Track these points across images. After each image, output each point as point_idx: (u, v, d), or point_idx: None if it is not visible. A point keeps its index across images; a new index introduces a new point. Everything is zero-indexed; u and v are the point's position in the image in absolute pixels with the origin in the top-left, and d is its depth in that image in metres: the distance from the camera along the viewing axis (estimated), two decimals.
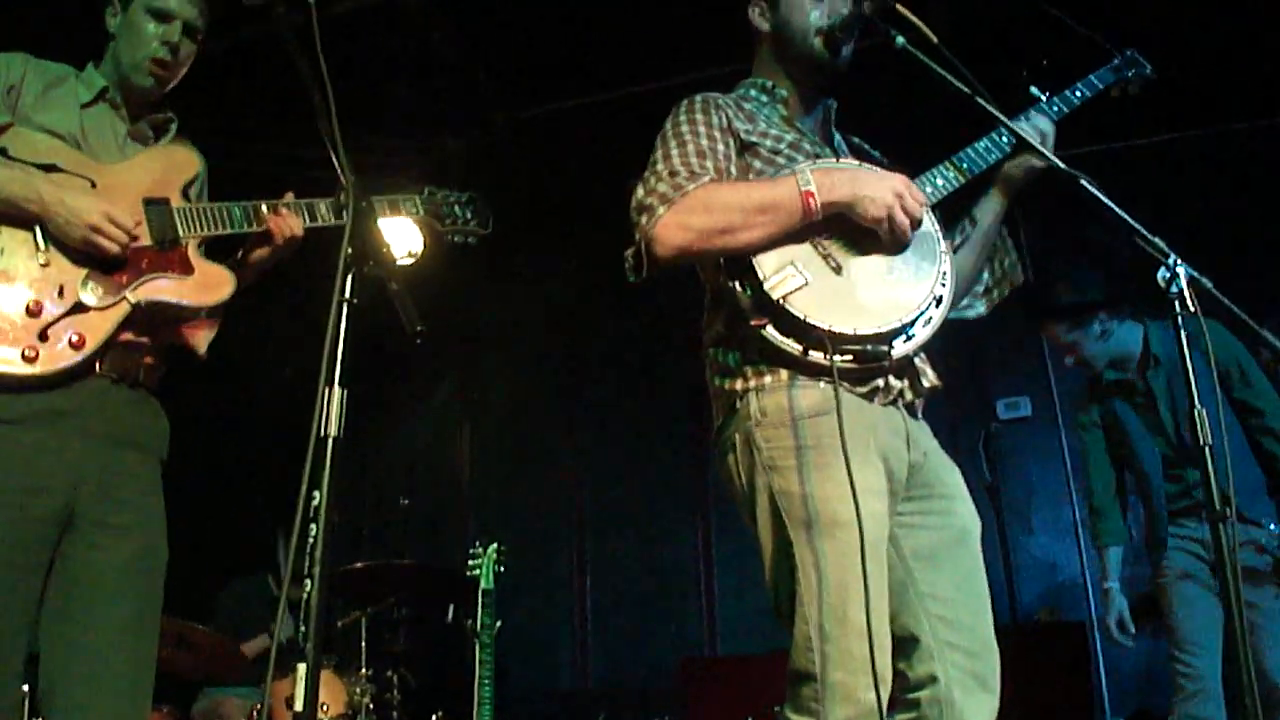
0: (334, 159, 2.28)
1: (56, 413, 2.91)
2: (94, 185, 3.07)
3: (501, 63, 6.32)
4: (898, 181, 2.77)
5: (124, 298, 2.99)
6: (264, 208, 3.23)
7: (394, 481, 7.61)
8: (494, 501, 8.21)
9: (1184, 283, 2.54)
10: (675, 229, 2.75)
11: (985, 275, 3.19)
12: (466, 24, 5.91)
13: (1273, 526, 4.54)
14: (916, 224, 2.78)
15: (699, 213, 2.75)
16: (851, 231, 2.80)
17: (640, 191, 2.85)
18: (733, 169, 2.91)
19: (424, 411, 8.67)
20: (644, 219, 2.80)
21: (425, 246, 4.56)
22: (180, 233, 3.12)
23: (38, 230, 2.95)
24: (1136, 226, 2.61)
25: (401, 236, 4.54)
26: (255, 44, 4.51)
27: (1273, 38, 5.93)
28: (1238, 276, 2.96)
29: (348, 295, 2.13)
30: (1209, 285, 2.57)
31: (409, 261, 5.47)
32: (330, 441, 1.98)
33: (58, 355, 2.88)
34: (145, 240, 3.07)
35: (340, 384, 2.04)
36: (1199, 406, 2.47)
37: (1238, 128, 6.73)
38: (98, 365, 2.98)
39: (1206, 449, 2.43)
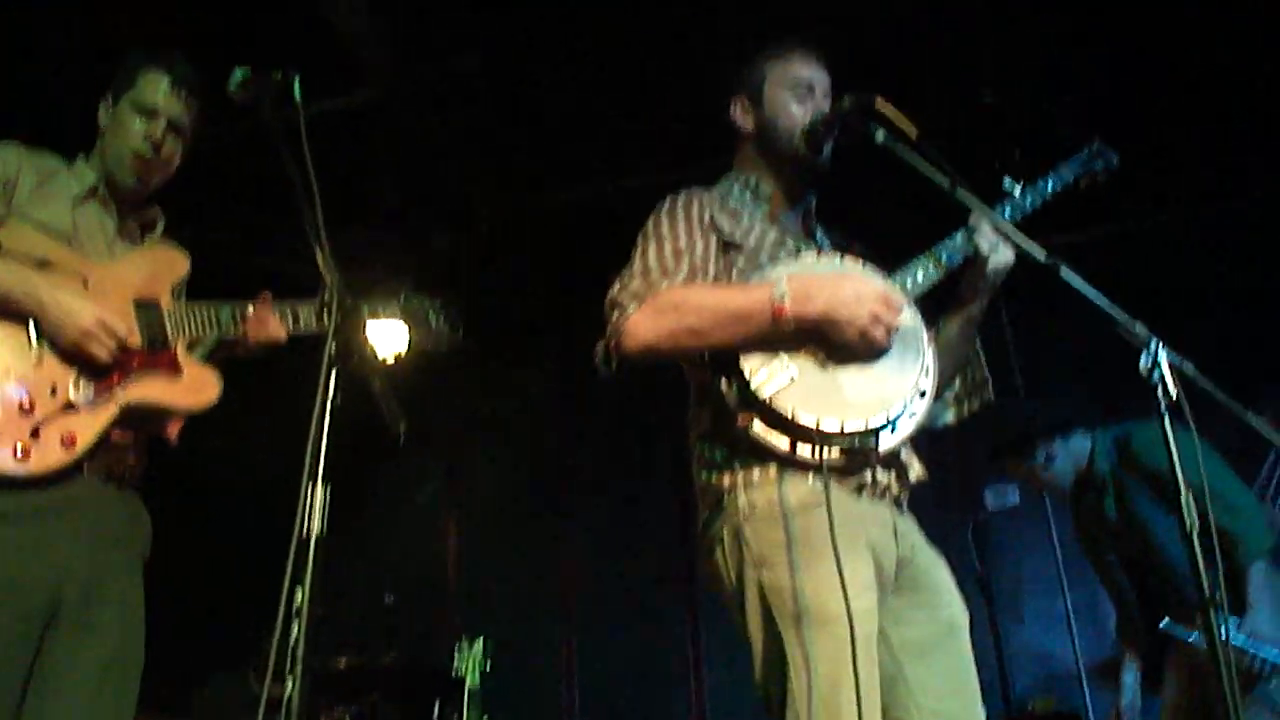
0: (318, 257, 2.30)
1: (44, 511, 2.90)
2: (86, 284, 3.09)
3: (486, 160, 6.38)
4: (873, 300, 2.73)
5: (114, 399, 3.01)
6: (250, 309, 3.26)
7: (378, 577, 7.54)
8: (481, 597, 8.13)
9: (1165, 368, 2.54)
10: (644, 327, 2.77)
11: (956, 383, 3.20)
12: (451, 122, 5.97)
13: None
14: (893, 333, 2.77)
15: (669, 313, 2.77)
16: None
17: (615, 288, 2.88)
18: (710, 268, 2.92)
19: (409, 507, 8.62)
20: (615, 315, 2.83)
21: (410, 345, 4.58)
22: (170, 335, 3.14)
23: (31, 326, 2.97)
24: (1115, 314, 2.62)
25: (385, 335, 4.54)
26: (241, 140, 4.55)
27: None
28: (1222, 361, 2.96)
29: (331, 393, 2.14)
30: (1192, 370, 2.58)
31: (391, 360, 5.48)
32: (313, 539, 1.97)
33: (49, 454, 2.89)
34: (136, 342, 3.09)
35: (323, 481, 2.04)
36: (1185, 490, 2.46)
37: (1211, 209, 6.81)
38: (85, 465, 2.98)
39: (1194, 533, 2.42)
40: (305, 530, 1.99)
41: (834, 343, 2.73)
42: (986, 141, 3.12)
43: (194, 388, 3.15)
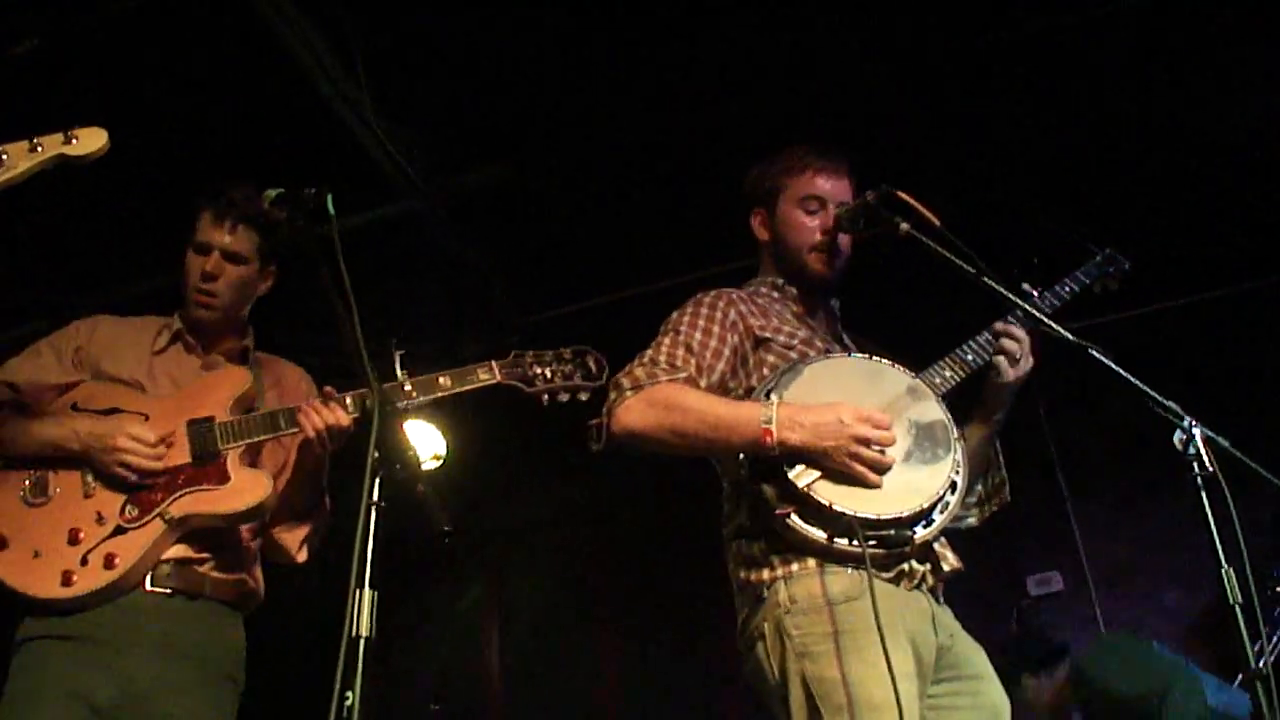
0: (359, 364, 2.34)
1: (106, 629, 2.99)
2: (148, 419, 3.21)
3: (517, 267, 6.44)
4: (855, 423, 2.76)
5: (158, 514, 3.08)
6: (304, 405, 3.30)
7: (423, 686, 7.50)
8: (525, 705, 8.06)
9: (1200, 444, 2.55)
10: (634, 415, 2.87)
11: (978, 487, 3.24)
12: (482, 230, 6.04)
13: None
14: (884, 470, 2.79)
15: (659, 407, 2.85)
16: None
17: (624, 370, 2.98)
18: (720, 366, 3.00)
19: (452, 615, 8.57)
20: (613, 395, 2.94)
21: (449, 450, 4.59)
22: (220, 446, 3.20)
23: (87, 470, 3.13)
24: (1148, 391, 2.64)
25: (426, 439, 4.58)
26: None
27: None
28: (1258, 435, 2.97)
29: (375, 498, 2.17)
30: (1226, 444, 2.59)
31: (435, 464, 5.50)
32: (362, 642, 1.99)
33: (93, 576, 3.00)
34: (184, 458, 3.17)
35: (371, 586, 2.06)
36: (1225, 566, 2.45)
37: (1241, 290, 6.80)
38: (148, 580, 3.07)
39: (1236, 608, 2.41)
40: (354, 633, 2.00)
41: (829, 468, 2.76)
42: (1003, 247, 3.17)
43: (241, 490, 3.19)
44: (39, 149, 2.37)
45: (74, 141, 2.39)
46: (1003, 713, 2.87)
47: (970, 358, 3.11)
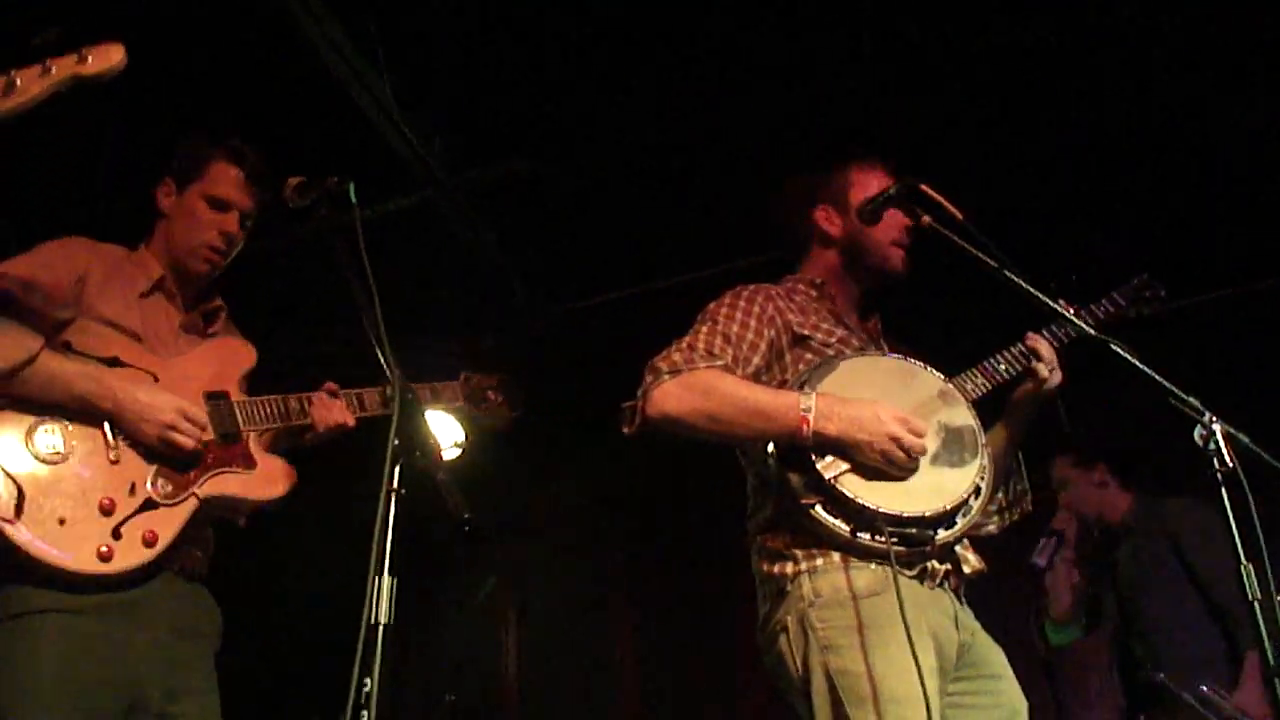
0: (380, 355, 2.35)
1: (125, 607, 2.91)
2: (156, 379, 3.11)
3: (537, 259, 6.45)
4: (892, 423, 2.80)
5: (192, 493, 3.02)
6: (316, 397, 3.29)
7: (440, 677, 7.52)
8: (542, 696, 8.07)
9: (1220, 439, 2.55)
10: (671, 399, 2.86)
11: (999, 495, 3.24)
12: (502, 223, 6.05)
13: None
14: (916, 456, 2.83)
15: (697, 392, 2.85)
16: None
17: (660, 355, 2.97)
18: (756, 359, 3.00)
19: (470, 606, 8.59)
20: (649, 378, 2.92)
21: (468, 437, 4.60)
22: (241, 426, 3.16)
23: (107, 427, 2.97)
24: (1169, 387, 2.64)
25: (446, 428, 4.60)
26: (301, 243, 4.64)
27: None
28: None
29: (396, 485, 2.18)
30: (1246, 440, 2.58)
31: (455, 453, 5.50)
32: (381, 629, 2.00)
33: (132, 553, 2.89)
34: (209, 435, 3.10)
35: (390, 573, 2.07)
36: (1245, 563, 2.45)
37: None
38: (167, 562, 3.00)
39: (1256, 604, 2.41)
40: (374, 620, 2.01)
41: (858, 461, 2.79)
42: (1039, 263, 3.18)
43: (268, 479, 3.17)
44: (51, 71, 2.28)
45: (88, 60, 2.30)
46: (1021, 712, 2.88)
47: (1003, 369, 3.14)
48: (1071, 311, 3.25)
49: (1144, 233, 3.61)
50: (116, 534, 2.87)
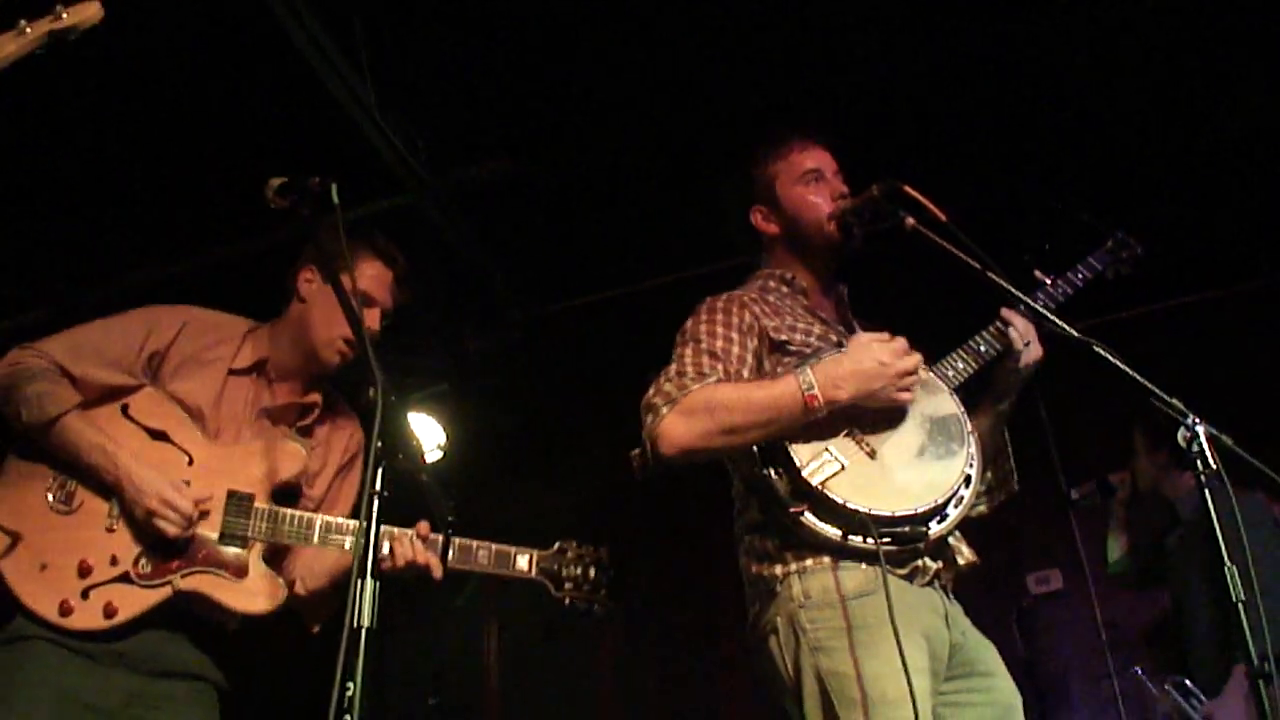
0: (363, 356, 2.33)
1: (98, 654, 2.95)
2: (190, 462, 3.11)
3: (520, 261, 6.43)
4: (891, 357, 2.84)
5: (169, 583, 3.00)
6: (348, 524, 3.17)
7: (422, 681, 7.50)
8: (522, 701, 8.06)
9: (1204, 440, 2.55)
10: (679, 430, 2.81)
11: (988, 475, 3.24)
12: (481, 225, 6.03)
13: None
14: (910, 374, 2.86)
15: (700, 413, 2.81)
16: (881, 414, 2.88)
17: (650, 391, 2.93)
18: (745, 371, 2.97)
19: (450, 610, 8.56)
20: (649, 418, 2.87)
21: (449, 444, 4.58)
22: (249, 534, 3.10)
23: (114, 500, 3.02)
24: (1152, 389, 2.64)
25: (428, 430, 4.57)
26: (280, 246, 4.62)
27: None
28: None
29: (379, 488, 2.17)
30: (1229, 442, 2.58)
31: (438, 455, 5.47)
32: (363, 633, 1.99)
33: (87, 618, 2.93)
34: (212, 531, 3.07)
35: (373, 576, 2.06)
36: (1229, 564, 2.45)
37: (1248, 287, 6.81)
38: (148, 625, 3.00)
39: (1240, 605, 2.41)
40: (356, 623, 2.00)
41: (887, 413, 2.84)
42: (1014, 233, 3.16)
43: (254, 593, 3.10)
44: (26, 32, 2.26)
45: (63, 16, 2.27)
46: (1014, 710, 2.87)
47: (983, 349, 3.12)
48: (1049, 281, 3.26)
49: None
50: (85, 595, 2.94)
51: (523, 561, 3.32)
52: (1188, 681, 4.93)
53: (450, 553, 3.08)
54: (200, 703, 3.13)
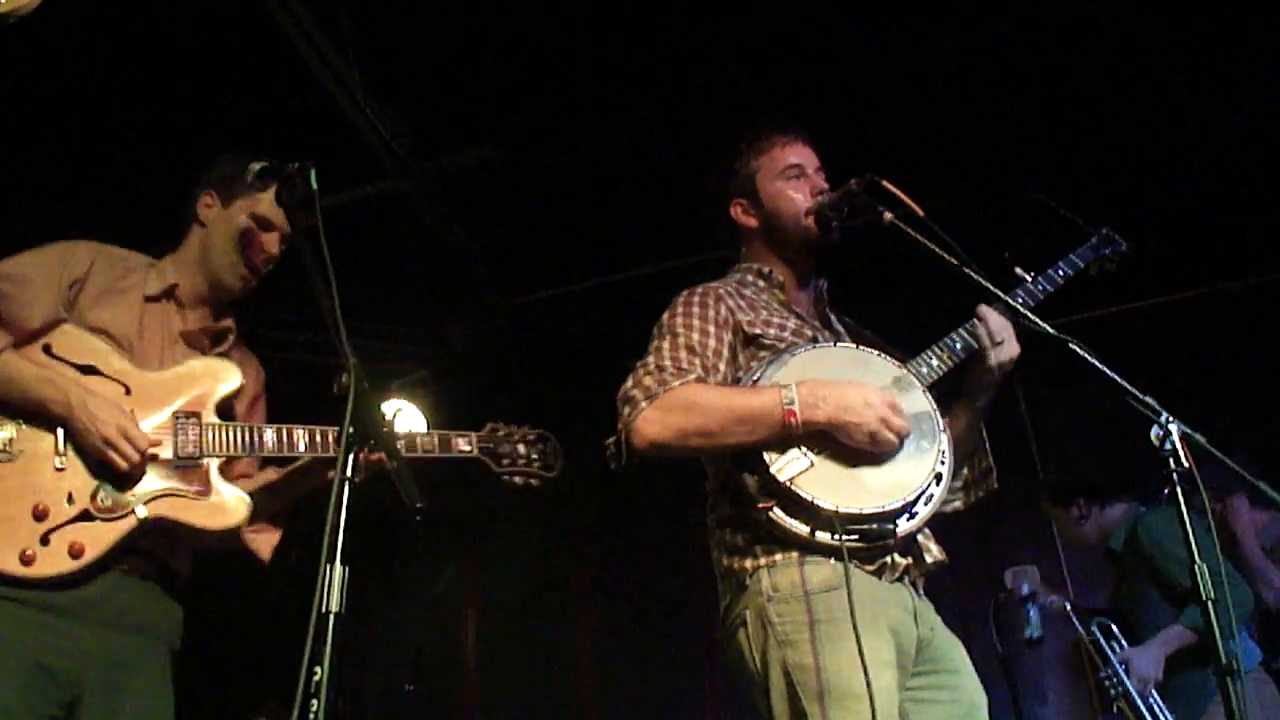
0: (337, 342, 2.32)
1: (65, 601, 2.87)
2: (128, 391, 3.06)
3: (499, 249, 6.43)
4: (881, 406, 2.80)
5: (132, 511, 2.95)
6: (300, 432, 3.20)
7: (399, 666, 7.50)
8: (501, 685, 8.06)
9: (1177, 439, 2.56)
10: (655, 425, 2.82)
11: (964, 472, 3.23)
12: (464, 212, 6.02)
13: None
14: (902, 438, 2.83)
15: (678, 411, 2.82)
16: None
17: (628, 383, 2.93)
18: (723, 365, 2.97)
19: (429, 596, 8.57)
20: (626, 410, 2.88)
21: (428, 428, 4.52)
22: (204, 451, 3.08)
23: (60, 433, 2.94)
24: (1127, 386, 2.64)
25: (403, 416, 4.54)
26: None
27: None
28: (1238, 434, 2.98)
29: (350, 474, 2.16)
30: (1202, 441, 2.59)
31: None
32: (332, 617, 1.98)
33: (54, 562, 2.85)
34: (167, 454, 3.04)
35: (342, 561, 2.05)
36: (1199, 561, 2.46)
37: (1225, 288, 6.84)
38: (113, 564, 2.95)
39: (1209, 603, 2.42)
40: (324, 608, 1.99)
41: (843, 444, 2.78)
42: (997, 229, 3.16)
43: (218, 509, 3.07)
44: None
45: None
46: (980, 707, 2.88)
47: (959, 346, 3.09)
48: (1029, 278, 3.25)
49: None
50: (45, 540, 2.84)
51: (463, 443, 3.46)
52: (1113, 625, 5.03)
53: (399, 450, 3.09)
54: (157, 666, 3.08)
